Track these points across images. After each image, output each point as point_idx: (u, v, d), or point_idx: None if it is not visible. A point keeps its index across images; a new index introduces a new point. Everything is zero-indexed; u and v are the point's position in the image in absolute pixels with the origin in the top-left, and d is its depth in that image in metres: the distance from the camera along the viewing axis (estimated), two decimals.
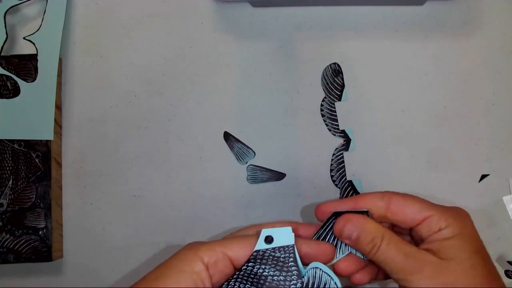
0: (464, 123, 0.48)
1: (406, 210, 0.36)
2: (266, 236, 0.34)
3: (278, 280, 0.33)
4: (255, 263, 0.33)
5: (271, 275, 0.33)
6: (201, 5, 0.49)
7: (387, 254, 0.34)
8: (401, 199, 0.36)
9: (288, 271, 0.33)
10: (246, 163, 0.48)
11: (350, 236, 0.35)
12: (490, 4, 0.48)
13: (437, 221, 0.35)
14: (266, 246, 0.34)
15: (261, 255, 0.34)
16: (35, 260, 0.45)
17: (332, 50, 0.48)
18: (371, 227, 0.35)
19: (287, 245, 0.34)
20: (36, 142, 0.47)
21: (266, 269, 0.33)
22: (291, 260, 0.34)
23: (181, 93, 0.49)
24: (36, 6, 0.50)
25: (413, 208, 0.36)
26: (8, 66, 0.47)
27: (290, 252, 0.34)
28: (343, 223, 0.36)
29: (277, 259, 0.34)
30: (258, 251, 0.34)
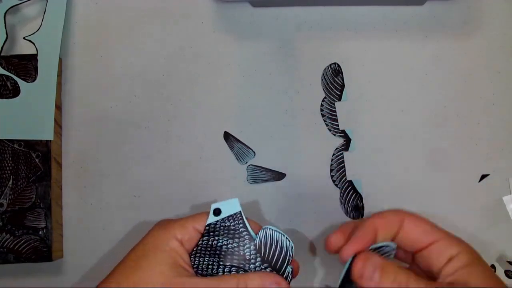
0: (464, 123, 0.48)
1: (417, 230, 0.35)
2: (214, 209, 0.37)
3: (233, 247, 0.35)
4: (209, 236, 0.36)
5: (225, 244, 0.35)
6: (201, 5, 0.49)
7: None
8: (412, 218, 0.36)
9: (240, 237, 0.36)
10: (246, 163, 0.48)
11: (371, 278, 0.33)
12: (490, 4, 0.48)
13: (446, 247, 0.34)
14: (215, 218, 0.36)
15: (213, 228, 0.36)
16: (35, 260, 0.45)
17: (332, 50, 0.48)
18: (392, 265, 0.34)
19: (235, 213, 0.36)
20: (36, 142, 0.47)
21: (220, 240, 0.36)
22: (241, 226, 0.36)
23: (181, 93, 0.49)
24: (36, 6, 0.50)
25: (424, 229, 0.35)
26: (8, 66, 0.47)
27: (238, 219, 0.36)
28: (362, 264, 0.34)
29: (228, 228, 0.36)
30: (210, 225, 0.36)
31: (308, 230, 0.47)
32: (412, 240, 0.36)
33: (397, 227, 0.36)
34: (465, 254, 0.34)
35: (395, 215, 0.36)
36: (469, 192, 0.47)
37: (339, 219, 0.47)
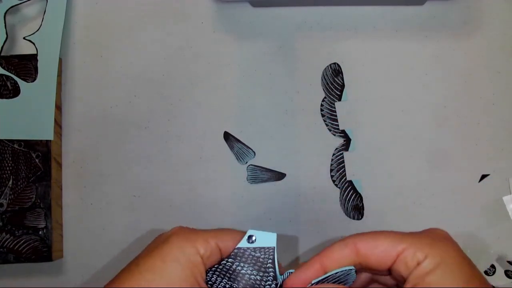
0: (464, 123, 0.48)
1: (376, 250, 0.32)
2: (249, 236, 0.35)
3: (255, 279, 0.34)
4: (235, 260, 0.34)
5: (249, 274, 0.34)
6: (201, 5, 0.49)
7: None
8: (368, 239, 0.33)
9: (265, 272, 0.34)
10: (246, 163, 0.48)
11: None
12: (490, 4, 0.48)
13: (413, 254, 0.31)
14: (247, 245, 0.34)
15: (241, 253, 0.34)
16: (35, 260, 0.45)
17: (332, 50, 0.48)
18: None
19: (268, 247, 0.34)
20: (36, 142, 0.47)
21: (245, 267, 0.34)
22: (270, 262, 0.34)
23: (181, 93, 0.49)
24: (36, 6, 0.50)
25: (383, 245, 0.32)
26: (8, 66, 0.47)
27: (270, 254, 0.34)
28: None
29: (257, 259, 0.34)
30: (240, 249, 0.34)
31: (308, 230, 0.47)
32: (376, 263, 0.32)
33: (351, 257, 0.33)
34: (434, 257, 0.31)
35: (343, 246, 0.33)
36: (469, 192, 0.47)
37: (339, 219, 0.47)
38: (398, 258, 0.32)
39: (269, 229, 0.47)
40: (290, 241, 0.47)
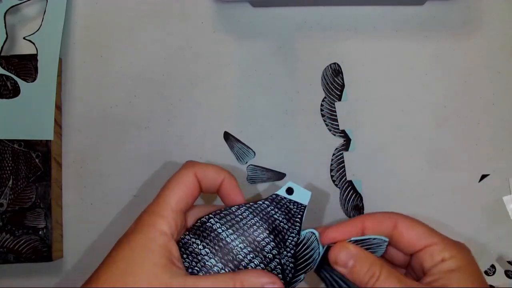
0: (464, 123, 0.48)
1: (412, 233, 0.35)
2: (289, 187, 0.37)
3: (283, 227, 0.36)
4: (270, 204, 0.37)
5: (280, 220, 0.36)
6: (201, 5, 0.49)
7: (389, 285, 0.33)
8: (407, 220, 0.36)
9: (293, 224, 0.37)
10: (246, 163, 0.48)
11: (346, 264, 0.34)
12: (490, 4, 0.48)
13: (440, 250, 0.34)
14: (285, 195, 0.37)
15: (278, 200, 0.37)
16: (35, 260, 0.45)
17: (332, 50, 0.48)
18: (368, 255, 0.35)
19: (301, 204, 0.37)
20: (36, 142, 0.47)
21: (278, 213, 0.37)
22: (299, 217, 0.37)
23: (181, 93, 0.49)
24: (36, 6, 0.50)
25: (419, 232, 0.35)
26: (8, 66, 0.47)
27: (301, 210, 0.37)
28: (338, 250, 0.35)
29: (289, 210, 0.37)
30: (278, 195, 0.37)
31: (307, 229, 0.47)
32: (407, 243, 0.35)
33: (389, 228, 0.36)
34: (459, 260, 0.34)
35: (387, 217, 0.36)
36: (469, 192, 0.47)
37: (339, 219, 0.47)
38: (426, 248, 0.34)
39: None
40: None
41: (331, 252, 0.35)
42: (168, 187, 0.37)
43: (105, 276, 0.33)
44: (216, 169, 0.38)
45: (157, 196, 0.37)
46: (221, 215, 0.36)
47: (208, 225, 0.36)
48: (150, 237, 0.34)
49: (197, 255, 0.35)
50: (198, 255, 0.35)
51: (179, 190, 0.36)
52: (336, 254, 0.35)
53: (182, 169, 0.37)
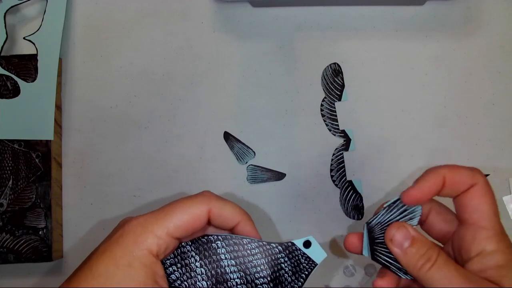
0: (464, 123, 0.48)
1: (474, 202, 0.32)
2: (307, 241, 0.35)
3: (286, 278, 0.35)
4: (283, 251, 0.35)
5: (285, 270, 0.35)
6: (201, 5, 0.49)
7: (446, 273, 0.30)
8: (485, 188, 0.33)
9: (297, 278, 0.35)
10: (246, 163, 0.48)
11: (401, 245, 0.32)
12: (490, 4, 0.48)
13: (487, 237, 0.31)
14: (301, 247, 0.35)
15: (292, 250, 0.35)
16: (35, 260, 0.45)
17: (332, 50, 0.48)
18: (426, 240, 0.32)
19: (313, 261, 0.35)
20: (36, 142, 0.47)
21: (286, 263, 0.35)
22: (305, 273, 0.35)
23: (181, 93, 0.49)
24: (36, 6, 0.50)
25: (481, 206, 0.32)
26: (8, 66, 0.47)
27: (310, 267, 0.35)
28: (395, 229, 0.33)
29: (299, 263, 0.35)
30: (294, 245, 0.35)
31: (308, 230, 0.47)
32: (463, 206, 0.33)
33: (465, 188, 0.33)
34: (508, 254, 0.31)
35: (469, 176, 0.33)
36: None
37: (339, 219, 0.47)
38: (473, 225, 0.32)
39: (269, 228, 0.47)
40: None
41: (388, 230, 0.33)
42: (174, 208, 0.34)
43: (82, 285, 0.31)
44: (233, 210, 0.35)
45: (158, 210, 0.34)
46: (230, 241, 0.34)
47: (213, 245, 0.34)
48: (136, 255, 0.32)
49: (191, 270, 0.34)
50: (192, 271, 0.34)
51: (183, 218, 0.33)
52: (393, 233, 0.33)
53: (197, 198, 0.34)
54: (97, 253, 0.33)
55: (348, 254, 0.47)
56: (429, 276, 0.31)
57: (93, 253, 0.34)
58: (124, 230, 0.33)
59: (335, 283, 0.47)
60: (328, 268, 0.47)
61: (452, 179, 0.33)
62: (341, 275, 0.47)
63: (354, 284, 0.47)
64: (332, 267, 0.47)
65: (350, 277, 0.47)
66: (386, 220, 0.34)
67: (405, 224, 0.33)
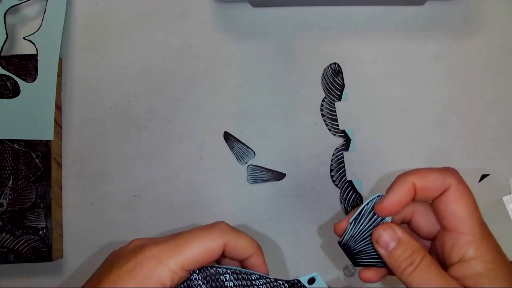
0: (464, 123, 0.48)
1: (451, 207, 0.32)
2: (312, 278, 0.35)
3: None
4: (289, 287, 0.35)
5: None
6: (201, 5, 0.49)
7: (426, 278, 0.30)
8: (460, 190, 0.32)
9: None
10: (246, 163, 0.48)
11: (387, 246, 0.33)
12: (490, 4, 0.48)
13: (466, 243, 0.31)
14: (306, 284, 0.35)
15: (296, 287, 0.35)
16: (35, 260, 0.45)
17: (332, 50, 0.48)
18: (413, 242, 0.32)
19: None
20: (36, 142, 0.47)
21: None
22: None
23: (181, 93, 0.49)
24: (36, 6, 0.50)
25: (459, 211, 0.32)
26: (8, 66, 0.47)
27: None
28: (383, 229, 0.33)
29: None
30: (299, 282, 0.35)
31: (308, 230, 0.47)
32: (440, 212, 0.32)
33: (438, 193, 0.32)
34: (486, 262, 0.31)
35: (439, 180, 0.32)
36: None
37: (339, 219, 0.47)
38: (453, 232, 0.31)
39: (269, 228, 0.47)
40: (289, 244, 0.47)
41: (375, 230, 0.33)
42: (190, 241, 0.33)
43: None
44: (247, 244, 0.35)
45: (173, 241, 0.33)
46: (238, 276, 0.34)
47: (221, 278, 0.34)
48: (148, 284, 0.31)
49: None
50: None
51: (199, 252, 0.32)
52: (380, 233, 0.33)
53: (213, 231, 0.33)
54: (108, 282, 0.32)
55: None
56: (410, 279, 0.31)
57: (102, 279, 0.32)
58: (137, 261, 0.32)
59: (335, 283, 0.47)
60: (328, 268, 0.47)
61: (422, 185, 0.32)
62: (341, 275, 0.47)
63: (354, 284, 0.47)
64: (332, 267, 0.47)
65: (350, 277, 0.47)
66: (358, 232, 0.35)
67: (393, 225, 0.33)
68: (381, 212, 0.34)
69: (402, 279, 0.32)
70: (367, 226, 0.35)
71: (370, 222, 0.35)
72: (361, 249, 0.35)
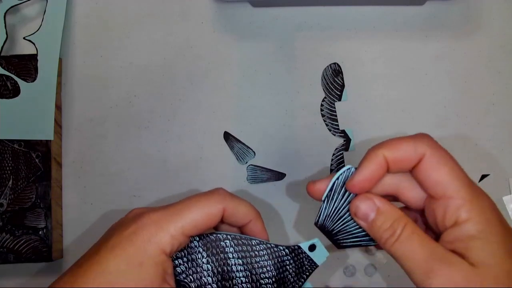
0: (464, 123, 0.48)
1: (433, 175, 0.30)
2: (313, 244, 0.35)
3: (289, 279, 0.35)
4: (289, 253, 0.35)
5: (289, 272, 0.35)
6: (201, 5, 0.49)
7: (408, 247, 0.29)
8: (436, 156, 0.30)
9: (298, 279, 0.35)
10: (246, 163, 0.48)
11: (366, 218, 0.31)
12: (490, 4, 0.48)
13: (456, 208, 0.29)
14: (306, 250, 0.35)
15: (298, 253, 0.35)
16: (35, 260, 0.45)
17: (332, 50, 0.48)
18: (393, 210, 0.30)
19: (315, 263, 0.35)
20: (36, 142, 0.47)
21: (291, 265, 0.35)
22: (307, 274, 0.35)
23: (181, 93, 0.49)
24: (36, 6, 0.50)
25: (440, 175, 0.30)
26: (8, 66, 0.47)
27: (312, 268, 0.35)
28: (360, 200, 0.31)
29: (303, 265, 0.35)
30: (300, 249, 0.35)
31: (308, 230, 0.47)
32: (423, 183, 0.30)
33: (414, 163, 0.30)
34: (478, 224, 0.28)
35: (412, 150, 0.30)
36: None
37: None
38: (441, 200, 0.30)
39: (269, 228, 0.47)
40: (290, 241, 0.47)
41: (352, 202, 0.32)
42: (189, 206, 0.33)
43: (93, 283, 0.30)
44: (247, 209, 0.35)
45: (172, 207, 0.33)
46: (239, 241, 0.35)
47: (221, 244, 0.34)
48: (149, 254, 0.31)
49: (197, 266, 0.34)
50: (198, 267, 0.34)
51: (199, 217, 0.32)
52: (358, 205, 0.31)
53: (212, 197, 0.34)
54: (107, 248, 0.32)
55: (348, 254, 0.47)
56: (393, 250, 0.29)
57: (102, 245, 0.32)
58: (137, 227, 0.32)
59: (335, 283, 0.47)
60: (328, 268, 0.47)
61: (394, 157, 0.31)
62: (341, 275, 0.47)
63: (354, 284, 0.47)
64: (332, 267, 0.47)
65: (350, 277, 0.47)
66: (332, 210, 0.33)
67: (370, 194, 0.31)
68: (352, 189, 0.32)
69: (386, 250, 0.30)
70: (341, 202, 0.33)
71: (344, 198, 0.33)
72: (340, 228, 0.34)
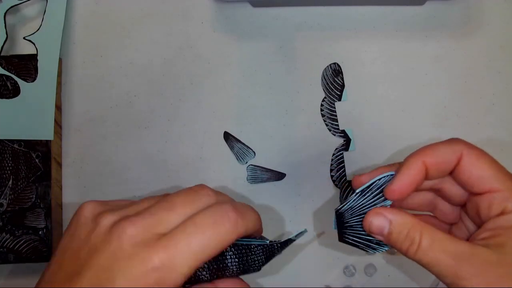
0: (464, 123, 0.48)
1: (475, 171, 0.30)
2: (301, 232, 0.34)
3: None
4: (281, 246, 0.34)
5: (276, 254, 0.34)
6: (201, 5, 0.49)
7: (432, 255, 0.29)
8: (473, 154, 0.30)
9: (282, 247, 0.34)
10: (246, 163, 0.48)
11: (381, 232, 0.31)
12: (490, 4, 0.48)
13: (502, 199, 0.29)
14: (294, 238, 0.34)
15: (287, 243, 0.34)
16: (35, 260, 0.45)
17: (332, 50, 0.48)
18: (406, 219, 0.30)
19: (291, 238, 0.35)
20: (36, 142, 0.47)
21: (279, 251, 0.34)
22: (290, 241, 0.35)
23: (181, 93, 0.49)
24: (36, 6, 0.50)
25: (483, 170, 0.30)
26: (8, 66, 0.47)
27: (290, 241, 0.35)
28: (370, 217, 0.31)
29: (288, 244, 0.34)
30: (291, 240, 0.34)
31: (308, 230, 0.47)
32: (466, 182, 0.30)
33: (453, 164, 0.30)
34: None
35: (450, 151, 0.30)
36: None
37: None
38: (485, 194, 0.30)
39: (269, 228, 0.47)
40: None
41: (365, 220, 0.32)
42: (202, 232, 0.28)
43: None
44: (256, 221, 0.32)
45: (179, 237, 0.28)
46: (240, 248, 0.34)
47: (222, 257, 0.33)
48: None
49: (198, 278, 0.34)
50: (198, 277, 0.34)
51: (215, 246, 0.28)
52: (371, 221, 0.31)
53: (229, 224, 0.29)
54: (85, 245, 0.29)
55: (348, 254, 0.47)
56: (417, 259, 0.29)
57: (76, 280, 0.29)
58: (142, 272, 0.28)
59: (335, 283, 0.47)
60: (328, 268, 0.47)
61: (433, 161, 0.31)
62: (341, 275, 0.47)
63: (354, 284, 0.47)
64: (332, 267, 0.47)
65: (350, 277, 0.47)
66: (358, 205, 0.34)
67: (380, 209, 0.31)
68: (391, 196, 0.32)
69: (411, 259, 0.30)
70: (368, 202, 0.33)
71: (372, 200, 0.33)
72: (352, 224, 0.34)
